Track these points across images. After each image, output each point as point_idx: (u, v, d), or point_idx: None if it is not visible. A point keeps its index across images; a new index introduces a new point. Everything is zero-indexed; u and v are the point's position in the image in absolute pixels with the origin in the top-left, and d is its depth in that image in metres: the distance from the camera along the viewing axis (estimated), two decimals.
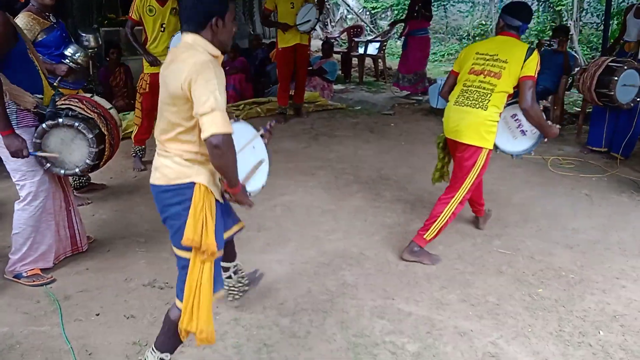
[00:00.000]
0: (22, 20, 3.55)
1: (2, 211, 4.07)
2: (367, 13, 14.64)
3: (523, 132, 3.36)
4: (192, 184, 2.06)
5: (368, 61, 10.10)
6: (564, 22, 10.65)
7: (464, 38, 13.21)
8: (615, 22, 8.84)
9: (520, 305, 2.89)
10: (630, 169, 4.97)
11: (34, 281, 3.08)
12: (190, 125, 2.01)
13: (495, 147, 3.30)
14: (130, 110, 6.32)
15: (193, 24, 2.02)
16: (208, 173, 2.10)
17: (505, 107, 3.22)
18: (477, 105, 3.17)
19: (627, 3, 8.86)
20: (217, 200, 2.16)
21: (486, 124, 3.17)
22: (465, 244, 3.59)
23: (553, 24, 10.79)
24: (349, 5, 14.40)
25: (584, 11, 11.47)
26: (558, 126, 3.31)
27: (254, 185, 2.46)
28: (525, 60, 3.11)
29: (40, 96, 2.95)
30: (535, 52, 3.16)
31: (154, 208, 4.10)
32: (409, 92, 8.23)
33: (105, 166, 3.38)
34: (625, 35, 5.33)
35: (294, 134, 6.21)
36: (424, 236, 3.32)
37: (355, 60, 10.06)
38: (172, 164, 2.08)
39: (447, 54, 12.56)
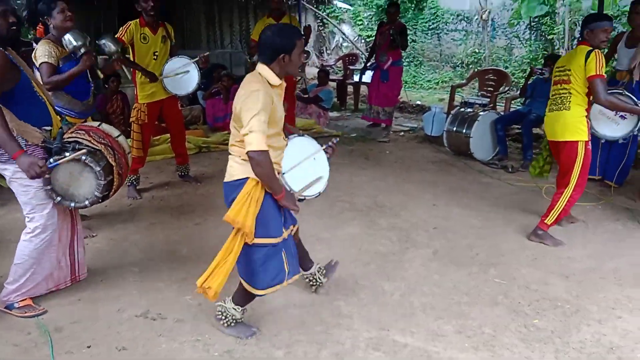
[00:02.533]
0: (43, 47, 3.62)
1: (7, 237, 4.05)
2: (363, 41, 14.82)
3: (622, 117, 4.09)
4: (247, 178, 2.58)
5: (363, 89, 10.19)
6: (556, 51, 10.82)
7: (458, 66, 13.38)
8: (606, 50, 8.99)
9: (516, 337, 2.87)
10: (624, 197, 5.00)
11: (25, 312, 3.04)
12: None
13: (601, 134, 4.15)
14: (126, 138, 6.34)
15: (265, 57, 2.56)
16: None
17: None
18: (562, 108, 3.85)
19: (617, 32, 9.03)
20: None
21: (573, 120, 3.81)
22: (461, 273, 3.58)
23: (545, 52, 10.96)
24: (344, 34, 14.60)
25: (576, 40, 11.66)
26: None
27: (309, 191, 2.85)
28: (585, 64, 3.68)
29: (49, 128, 2.95)
30: (594, 53, 3.67)
31: (148, 237, 4.15)
32: (371, 123, 7.93)
33: None
34: (617, 65, 5.41)
35: None
36: (545, 220, 3.96)
37: (350, 88, 10.15)
38: (235, 163, 2.65)
39: (441, 82, 12.70)
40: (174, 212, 4.67)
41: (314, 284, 3.26)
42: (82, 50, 3.66)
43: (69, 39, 3.64)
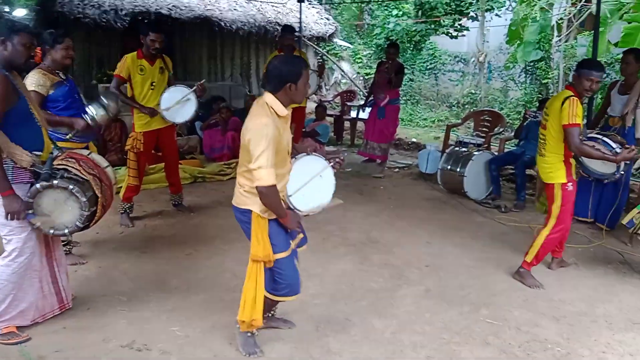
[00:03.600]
0: (33, 76, 3.67)
1: None
2: (361, 79, 15.07)
3: None
4: (251, 211, 2.76)
5: (360, 125, 10.30)
6: (550, 94, 11.01)
7: (454, 105, 13.58)
8: (600, 96, 9.16)
9: None
10: (616, 240, 5.00)
11: (9, 339, 2.99)
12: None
13: (591, 170, 4.20)
14: (122, 165, 6.36)
15: (272, 85, 2.67)
16: (260, 203, 2.71)
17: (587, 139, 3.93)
18: (540, 153, 4.02)
19: (611, 79, 9.21)
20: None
21: (548, 165, 3.94)
22: (453, 312, 3.55)
23: (540, 96, 11.15)
24: (343, 71, 14.84)
25: None
26: (632, 147, 3.92)
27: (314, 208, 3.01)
28: (560, 110, 3.74)
29: (39, 153, 2.96)
30: (568, 101, 3.72)
31: (138, 266, 4.12)
32: (367, 158, 8.01)
33: None
34: (610, 110, 5.50)
35: None
36: (525, 258, 4.04)
37: (347, 124, 10.25)
38: (242, 191, 2.78)
39: (437, 120, 12.86)
40: (165, 242, 4.65)
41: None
42: (91, 123, 3.73)
43: (96, 114, 3.72)
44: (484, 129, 7.81)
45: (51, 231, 2.96)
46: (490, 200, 6.17)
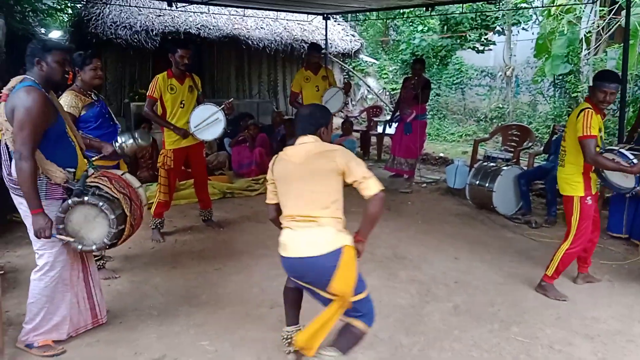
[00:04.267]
0: (66, 98, 3.80)
1: (19, 278, 4.12)
2: (387, 94, 15.09)
3: None
4: (340, 249, 2.69)
5: (387, 140, 10.31)
6: None
7: (482, 120, 13.46)
8: (631, 109, 8.97)
9: None
10: None
11: (44, 352, 3.08)
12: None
13: (611, 184, 3.99)
14: (153, 182, 6.50)
15: (307, 130, 2.85)
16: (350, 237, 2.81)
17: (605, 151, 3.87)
18: (560, 164, 4.06)
19: None
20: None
21: (567, 176, 3.96)
22: (482, 330, 3.51)
23: (569, 109, 10.98)
24: (369, 86, 14.89)
25: None
26: None
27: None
28: (576, 123, 3.76)
29: (73, 170, 3.05)
30: (582, 114, 3.74)
31: (168, 281, 4.18)
32: (394, 174, 7.99)
33: None
34: None
35: None
36: (546, 272, 4.03)
37: (374, 139, 10.27)
38: (328, 234, 2.71)
39: (465, 135, 12.77)
40: (195, 257, 4.72)
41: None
42: (119, 152, 3.69)
43: (125, 142, 3.68)
44: (513, 144, 7.73)
45: (80, 247, 3.02)
46: (520, 216, 6.08)
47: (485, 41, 13.65)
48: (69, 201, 2.94)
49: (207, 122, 4.96)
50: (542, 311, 3.78)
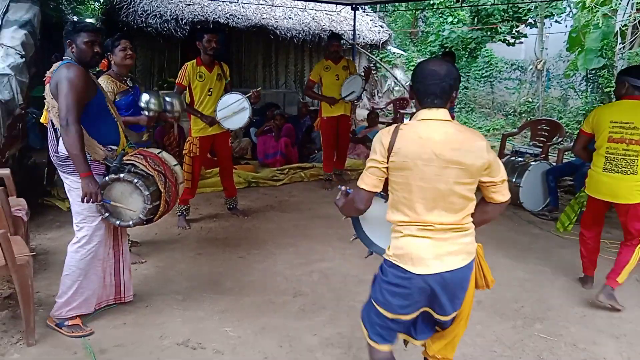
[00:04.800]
0: (102, 82, 3.88)
1: (50, 260, 4.24)
2: None
3: None
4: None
5: None
6: None
7: (510, 114, 13.26)
8: None
9: None
10: None
11: (73, 332, 3.17)
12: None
13: None
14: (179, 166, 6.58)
15: (443, 98, 2.12)
16: None
17: None
18: (629, 172, 3.58)
19: None
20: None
21: (637, 184, 3.58)
22: (505, 325, 3.48)
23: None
24: (396, 78, 14.79)
25: None
26: None
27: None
28: None
29: (114, 147, 3.15)
30: None
31: (193, 267, 4.25)
32: None
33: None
34: None
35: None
36: (617, 279, 3.70)
37: None
38: (469, 239, 2.18)
39: (493, 129, 12.60)
40: (219, 244, 4.78)
41: None
42: (150, 114, 3.90)
43: (148, 99, 3.89)
44: (542, 139, 7.60)
45: (117, 222, 3.12)
46: (547, 212, 5.99)
47: (516, 34, 13.41)
48: (106, 178, 3.04)
49: (233, 110, 5.00)
50: (567, 309, 3.73)
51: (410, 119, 2.18)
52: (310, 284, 4.00)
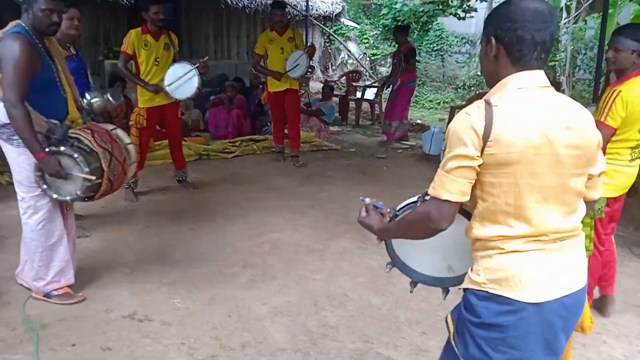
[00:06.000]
0: None
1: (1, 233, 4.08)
2: (367, 59, 14.96)
3: None
4: None
5: (365, 105, 10.29)
6: (557, 78, 10.91)
7: (460, 87, 13.50)
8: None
9: None
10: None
11: (66, 300, 3.15)
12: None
13: None
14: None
15: (546, 57, 1.56)
16: None
17: None
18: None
19: None
20: None
21: None
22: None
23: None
24: (350, 51, 14.74)
25: (577, 67, 11.77)
26: None
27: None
28: None
29: (55, 121, 3.00)
30: None
31: (141, 240, 4.18)
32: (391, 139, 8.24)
33: None
34: None
35: (288, 172, 6.28)
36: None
37: (352, 104, 10.24)
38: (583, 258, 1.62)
39: (443, 102, 12.81)
40: (169, 217, 4.70)
41: None
42: (85, 104, 3.53)
43: (89, 97, 3.52)
44: None
45: (55, 195, 3.01)
46: None
47: (467, 8, 13.54)
48: (46, 149, 2.91)
49: (181, 80, 4.87)
50: None
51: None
52: (260, 255, 4.00)
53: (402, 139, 8.25)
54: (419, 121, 10.20)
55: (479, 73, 13.36)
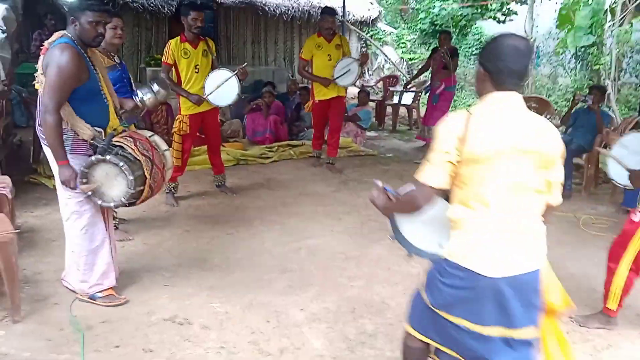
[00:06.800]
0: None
1: (36, 238, 4.21)
2: (404, 63, 14.87)
3: None
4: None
5: (402, 110, 10.22)
6: (602, 82, 10.59)
7: None
8: None
9: None
10: None
11: (110, 302, 3.24)
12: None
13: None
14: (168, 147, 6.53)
15: (521, 81, 1.97)
16: None
17: None
18: None
19: None
20: None
21: None
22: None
23: (590, 82, 10.74)
24: (387, 56, 14.68)
25: (623, 71, 11.39)
26: None
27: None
28: None
29: (100, 129, 3.10)
30: None
31: (181, 244, 4.25)
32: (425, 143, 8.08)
33: None
34: None
35: (325, 178, 6.28)
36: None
37: (389, 109, 10.18)
38: (541, 241, 2.01)
39: None
40: (207, 221, 4.77)
41: None
42: (140, 104, 3.67)
43: (143, 94, 3.65)
44: None
45: (99, 202, 3.09)
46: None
47: (507, 11, 13.31)
48: (92, 158, 3.00)
49: (221, 87, 4.95)
50: None
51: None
52: (297, 261, 4.02)
53: None
54: None
55: None
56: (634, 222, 3.07)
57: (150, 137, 3.37)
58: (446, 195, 2.04)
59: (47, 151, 3.11)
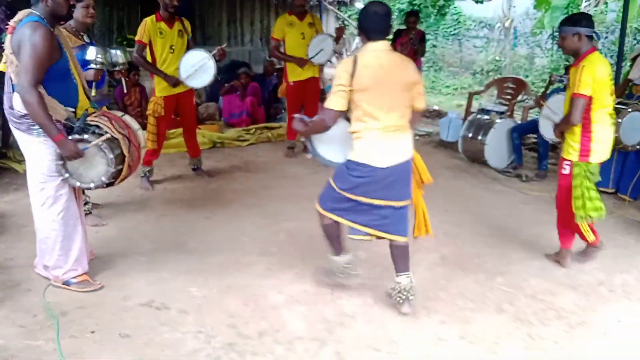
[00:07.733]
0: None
1: (7, 223, 4.12)
2: None
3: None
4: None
5: None
6: None
7: (477, 73, 13.31)
8: (629, 64, 8.87)
9: (520, 345, 2.84)
10: (638, 211, 4.92)
11: (84, 288, 3.18)
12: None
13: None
14: (142, 129, 6.41)
15: (386, 33, 2.88)
16: None
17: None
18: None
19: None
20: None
21: None
22: (467, 280, 3.55)
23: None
24: None
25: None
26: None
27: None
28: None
29: (72, 110, 3.04)
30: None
31: (157, 228, 4.19)
32: None
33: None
34: (631, 76, 5.34)
35: (302, 160, 6.23)
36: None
37: None
38: (409, 139, 2.96)
39: (460, 88, 12.65)
40: (184, 205, 4.71)
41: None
42: (97, 66, 3.75)
43: (95, 53, 3.74)
44: (508, 97, 7.65)
45: (77, 183, 3.03)
46: (511, 169, 6.09)
47: None
48: (70, 137, 2.92)
49: (197, 68, 4.85)
50: (528, 262, 3.82)
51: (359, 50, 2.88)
52: (276, 244, 3.99)
53: None
54: (435, 107, 10.07)
55: (497, 58, 13.17)
56: (565, 175, 3.59)
57: (121, 116, 3.33)
58: (347, 117, 2.93)
59: (17, 135, 3.02)
